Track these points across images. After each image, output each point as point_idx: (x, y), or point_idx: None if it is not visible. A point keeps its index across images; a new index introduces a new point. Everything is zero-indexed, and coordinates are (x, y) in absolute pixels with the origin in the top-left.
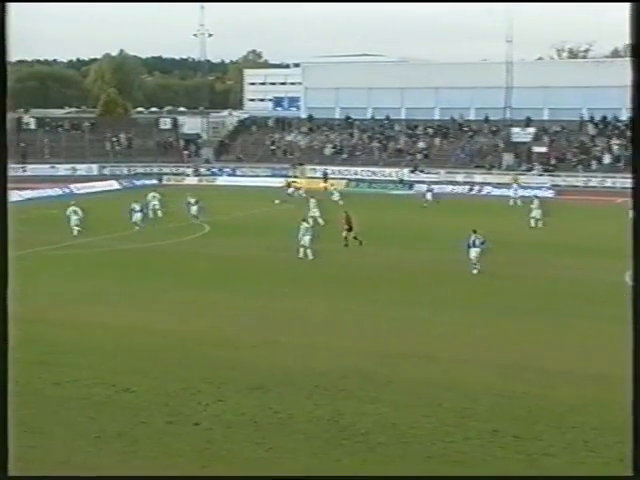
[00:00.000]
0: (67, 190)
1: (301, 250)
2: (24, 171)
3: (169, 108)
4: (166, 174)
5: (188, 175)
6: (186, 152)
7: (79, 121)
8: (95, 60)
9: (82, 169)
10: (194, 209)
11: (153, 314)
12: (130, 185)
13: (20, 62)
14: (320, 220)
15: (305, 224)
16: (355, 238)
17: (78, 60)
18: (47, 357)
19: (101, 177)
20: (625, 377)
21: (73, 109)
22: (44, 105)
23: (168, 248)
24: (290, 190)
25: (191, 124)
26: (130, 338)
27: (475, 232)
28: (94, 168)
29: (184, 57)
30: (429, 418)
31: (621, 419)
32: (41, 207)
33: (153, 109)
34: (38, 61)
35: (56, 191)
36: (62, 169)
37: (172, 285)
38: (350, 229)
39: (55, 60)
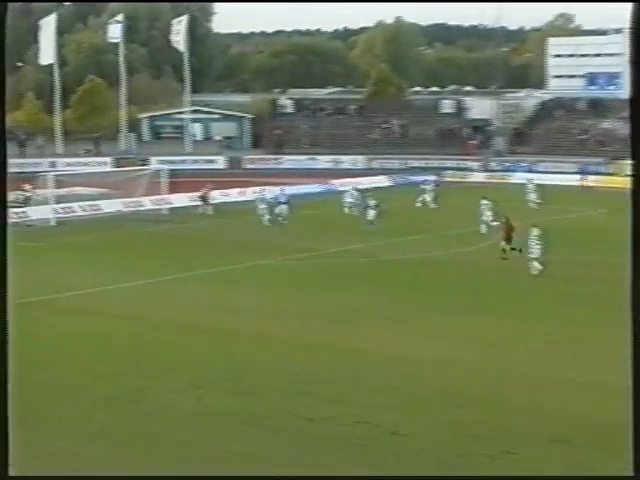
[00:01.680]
0: (328, 187)
1: None
2: (279, 163)
3: (452, 87)
4: (447, 169)
5: (474, 170)
6: (472, 142)
7: (344, 104)
8: (365, 29)
9: (346, 161)
10: (488, 214)
11: (434, 341)
12: (403, 182)
13: (278, 33)
14: None
15: None
16: (513, 249)
17: (345, 30)
18: (299, 386)
19: (368, 171)
20: None
21: (337, 89)
22: (303, 84)
23: (446, 259)
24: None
25: (479, 107)
26: (400, 368)
27: None
28: (360, 160)
29: (473, 24)
30: None
31: None
32: (300, 206)
33: (433, 89)
34: (298, 31)
35: (315, 188)
36: (323, 161)
37: (454, 306)
38: (509, 239)
39: (318, 30)
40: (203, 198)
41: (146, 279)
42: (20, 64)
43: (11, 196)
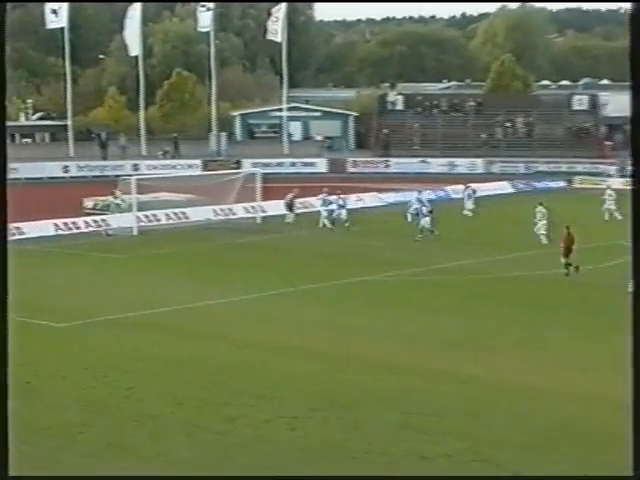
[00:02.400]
0: (442, 193)
1: None
2: (387, 166)
3: (586, 81)
4: (578, 174)
5: (611, 175)
6: (608, 143)
7: (461, 99)
8: (485, 16)
9: (463, 165)
10: (542, 224)
11: (565, 369)
12: (528, 188)
13: (387, 20)
14: None
15: None
16: (570, 265)
17: (463, 16)
18: (409, 419)
19: (488, 176)
20: None
21: (453, 83)
22: (415, 78)
23: (567, 277)
24: None
25: (617, 103)
26: (532, 400)
27: None
28: (479, 164)
29: (611, 8)
30: None
31: None
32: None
33: (563, 82)
34: (410, 19)
35: (427, 194)
36: (436, 164)
37: (580, 328)
38: (569, 252)
39: (432, 17)
40: (289, 206)
41: (238, 295)
42: (102, 56)
43: (89, 202)
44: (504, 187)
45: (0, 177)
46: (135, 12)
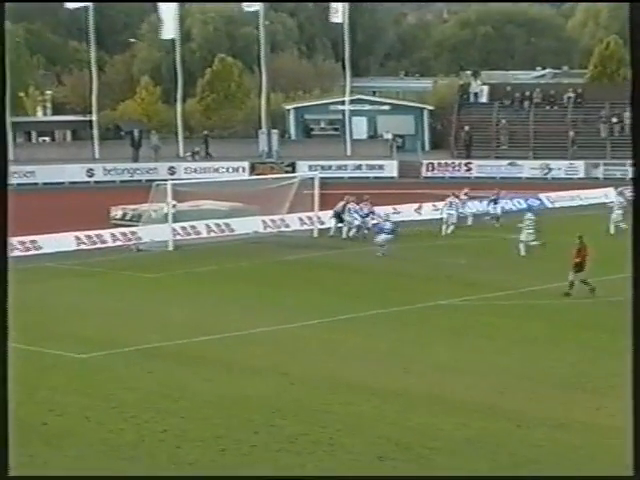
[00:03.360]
0: (536, 202)
1: None
2: (468, 170)
3: None
4: None
5: None
6: None
7: (557, 90)
8: None
9: (560, 168)
10: (527, 232)
11: None
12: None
13: None
14: None
15: None
16: (585, 283)
17: None
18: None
19: (590, 182)
20: None
21: (548, 71)
22: (502, 65)
23: None
24: None
25: None
26: None
27: None
28: (580, 167)
29: None
30: None
31: None
32: (490, 227)
33: None
34: None
35: (517, 203)
36: (528, 167)
37: None
38: (580, 267)
39: None
40: (338, 215)
41: (293, 322)
42: (132, 40)
43: (117, 212)
44: (609, 194)
45: (0, 175)
46: None
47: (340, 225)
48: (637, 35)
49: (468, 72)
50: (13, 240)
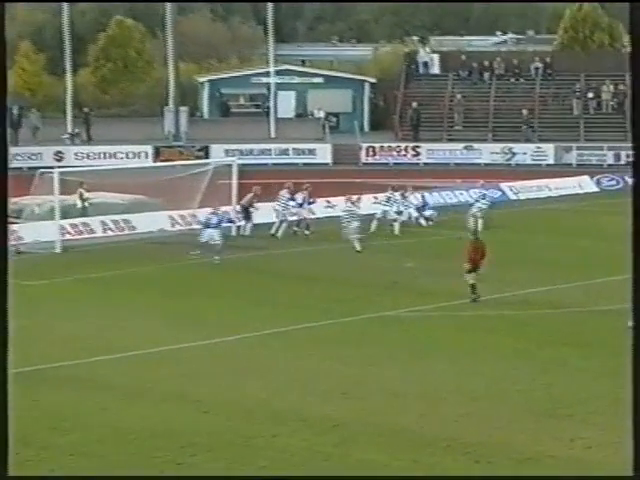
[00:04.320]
0: (496, 193)
1: None
2: (416, 155)
3: None
4: None
5: None
6: None
7: (521, 60)
8: None
9: (526, 152)
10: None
11: None
12: (618, 186)
13: None
14: None
15: None
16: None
17: None
18: None
19: (561, 169)
20: None
21: (510, 36)
22: (456, 29)
23: None
24: None
25: None
26: None
27: None
28: (549, 150)
29: None
30: None
31: None
32: (449, 223)
33: None
34: None
35: (474, 195)
36: (486, 152)
37: None
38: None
39: None
40: (245, 210)
41: (208, 337)
42: None
43: None
44: (584, 184)
45: (0, 175)
46: None
47: (243, 223)
48: (637, 35)
49: (415, 38)
50: None
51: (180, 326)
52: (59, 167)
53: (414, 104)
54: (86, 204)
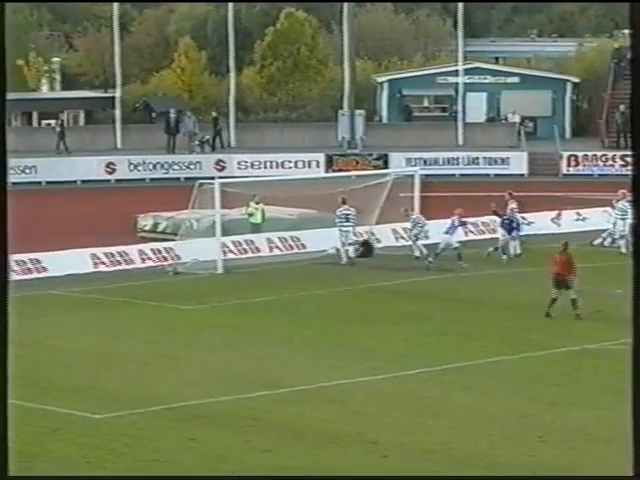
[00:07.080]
0: None
1: None
2: (625, 165)
3: None
4: None
5: None
6: None
7: None
8: None
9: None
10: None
11: None
12: None
13: None
14: None
15: None
16: (574, 303)
17: None
18: None
19: None
20: None
21: None
22: None
23: None
24: None
25: None
26: None
27: None
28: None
29: None
30: None
31: None
32: None
33: None
34: None
35: None
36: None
37: None
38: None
39: None
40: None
41: (384, 372)
42: None
43: (147, 220)
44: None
45: (0, 175)
46: None
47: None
48: (638, 35)
49: (625, 32)
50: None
51: (348, 358)
52: (220, 177)
53: (622, 107)
54: (258, 220)
